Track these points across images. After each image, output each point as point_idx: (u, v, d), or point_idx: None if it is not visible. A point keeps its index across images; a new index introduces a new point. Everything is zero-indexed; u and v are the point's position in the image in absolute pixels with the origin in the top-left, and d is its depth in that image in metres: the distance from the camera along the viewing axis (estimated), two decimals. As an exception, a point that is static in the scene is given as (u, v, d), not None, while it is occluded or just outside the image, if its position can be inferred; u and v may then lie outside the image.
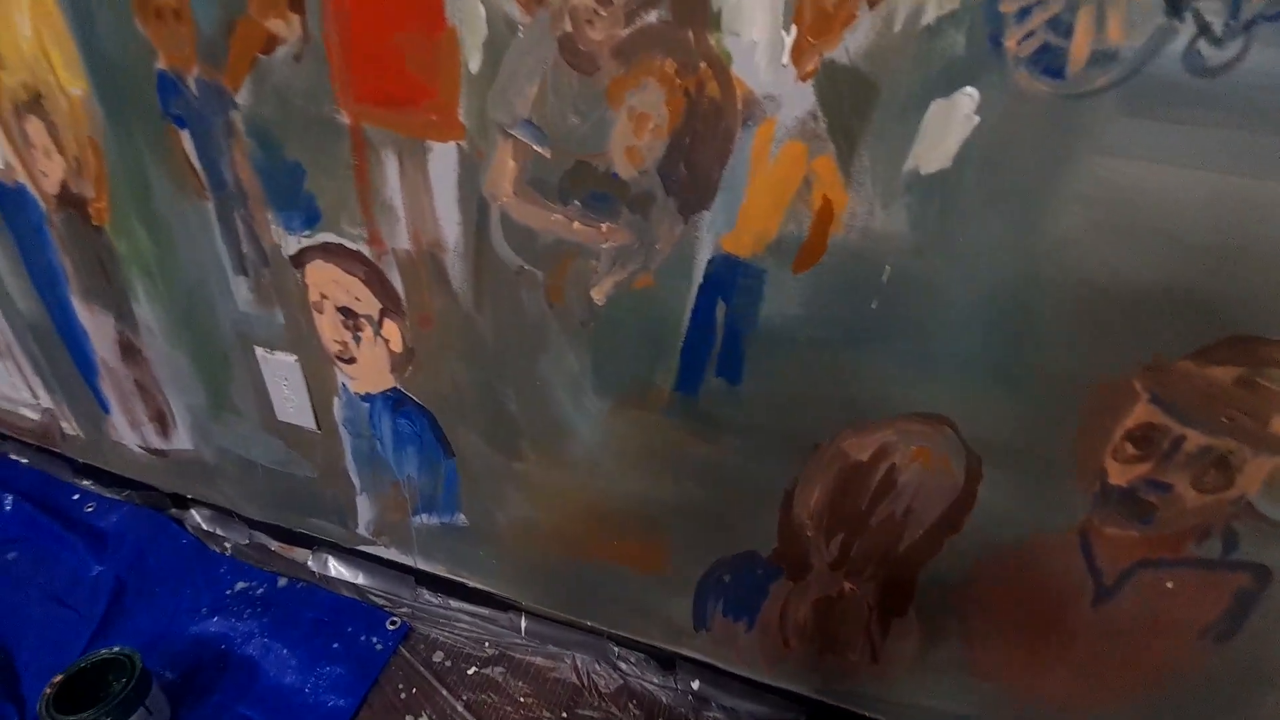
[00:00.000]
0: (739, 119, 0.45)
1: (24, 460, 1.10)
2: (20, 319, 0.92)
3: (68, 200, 0.76)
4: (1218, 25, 0.34)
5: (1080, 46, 0.36)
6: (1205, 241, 0.40)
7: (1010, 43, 0.37)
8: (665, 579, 0.75)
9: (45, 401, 1.02)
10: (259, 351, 0.78)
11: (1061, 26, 0.36)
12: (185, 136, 0.64)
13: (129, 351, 0.87)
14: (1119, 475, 0.50)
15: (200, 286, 0.75)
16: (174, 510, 1.03)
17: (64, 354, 0.92)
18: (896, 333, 0.50)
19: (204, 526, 1.01)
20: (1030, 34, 0.37)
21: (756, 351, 0.56)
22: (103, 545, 0.93)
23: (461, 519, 0.81)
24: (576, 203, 0.54)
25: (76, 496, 1.03)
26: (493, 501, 0.78)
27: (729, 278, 0.53)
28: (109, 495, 1.04)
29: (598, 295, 0.58)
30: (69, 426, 1.03)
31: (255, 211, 0.66)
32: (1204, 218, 0.40)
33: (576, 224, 0.55)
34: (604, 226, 0.54)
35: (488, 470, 0.75)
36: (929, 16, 0.38)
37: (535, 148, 0.52)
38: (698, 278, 0.54)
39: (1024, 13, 0.36)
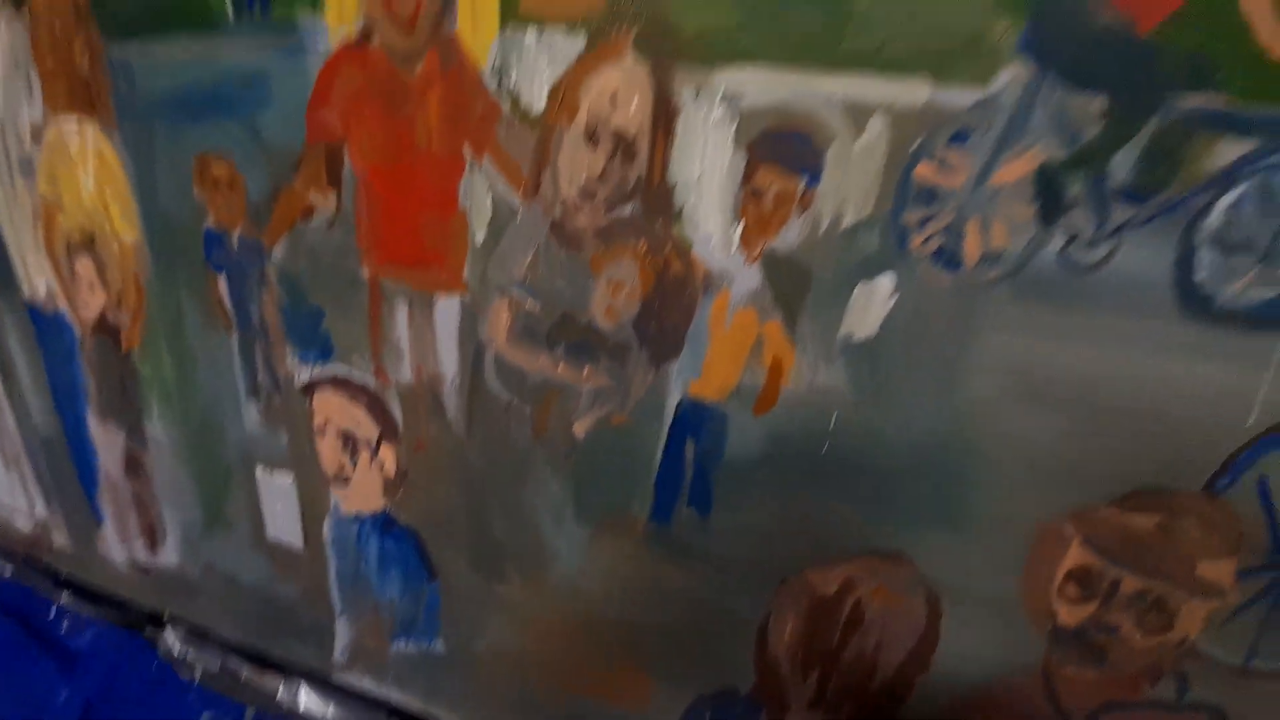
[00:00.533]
0: (699, 289, 0.54)
1: (7, 571, 1.10)
2: (35, 432, 0.97)
3: (103, 328, 0.84)
4: (1087, 233, 0.43)
5: (971, 249, 0.45)
6: (1107, 405, 0.47)
7: (914, 243, 0.46)
8: (646, 716, 0.74)
9: (41, 512, 1.04)
10: (259, 471, 0.82)
11: (954, 233, 0.45)
12: (221, 280, 0.73)
13: (134, 466, 0.91)
14: (1068, 616, 0.53)
15: (213, 408, 0.81)
16: (148, 629, 1.01)
17: (69, 466, 0.97)
18: (848, 474, 0.55)
19: (175, 651, 0.99)
20: (929, 238, 0.45)
21: (724, 486, 0.60)
22: (73, 667, 0.92)
23: (439, 645, 0.81)
24: (561, 349, 0.61)
25: (53, 613, 1.03)
26: (473, 626, 0.78)
27: (696, 419, 0.59)
28: (85, 613, 1.03)
29: (579, 430, 0.64)
30: (60, 537, 1.05)
31: (275, 346, 0.74)
32: (1101, 386, 0.46)
33: (561, 367, 0.62)
34: (585, 370, 0.61)
35: (470, 593, 0.76)
36: (847, 221, 0.47)
37: (527, 304, 0.61)
38: (668, 418, 0.60)
39: (923, 222, 0.45)
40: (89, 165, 0.75)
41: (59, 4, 0.68)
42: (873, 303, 0.48)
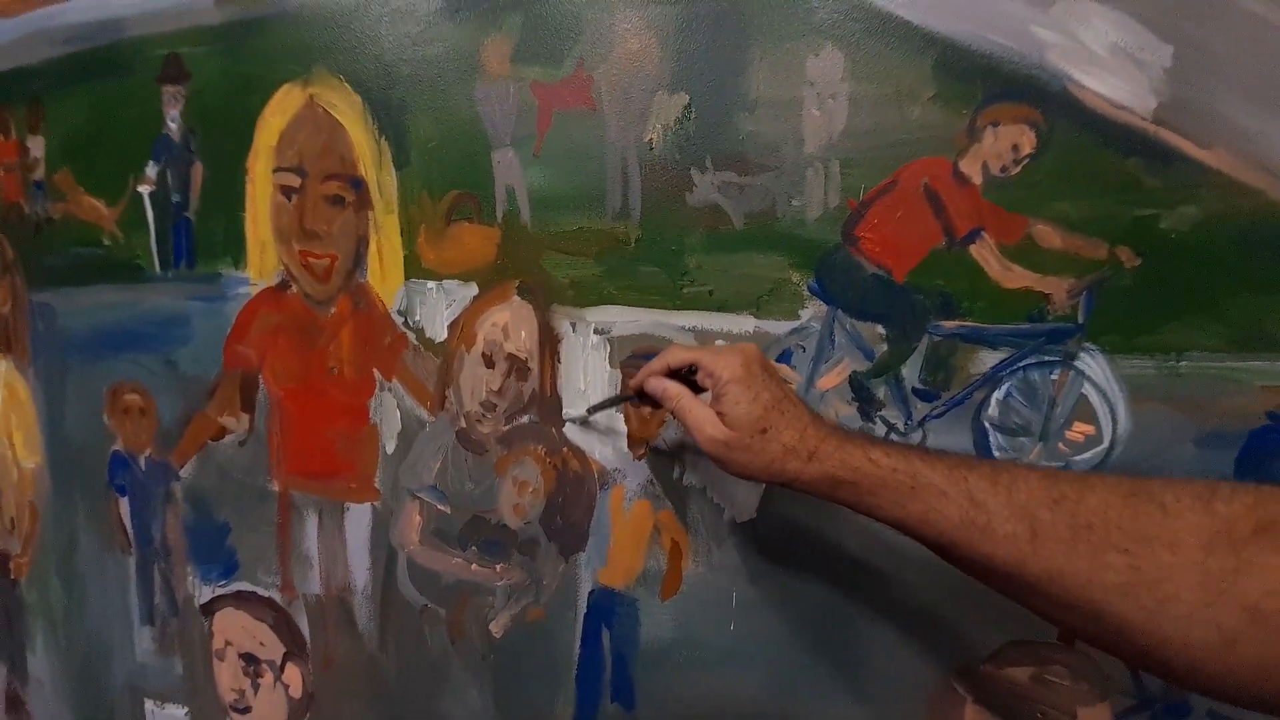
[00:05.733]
0: (597, 485, 0.63)
1: None
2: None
3: (-14, 558, 0.85)
4: (900, 424, 0.55)
5: (817, 440, 0.56)
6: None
7: (771, 438, 0.57)
8: None
9: None
10: (148, 706, 0.81)
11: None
12: (124, 503, 0.78)
13: (14, 705, 0.88)
14: (980, 778, 0.58)
15: (101, 638, 0.81)
16: None
17: (-85, 724, 0.91)
18: (757, 650, 0.62)
19: None
20: (782, 433, 0.57)
21: (644, 674, 0.65)
22: None
23: None
24: (474, 548, 0.68)
25: None
26: None
27: (609, 606, 0.65)
28: None
29: (495, 628, 0.69)
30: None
31: (176, 565, 0.77)
32: (950, 546, 0.56)
33: (475, 566, 0.68)
34: (498, 567, 0.68)
35: (384, 831, 0.74)
36: (714, 421, 0.59)
37: (438, 506, 0.68)
38: (582, 608, 0.66)
39: (774, 420, 0.57)
40: (-6, 395, 0.82)
41: (-13, 253, 0.79)
42: (746, 487, 0.59)
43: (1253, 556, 0.30)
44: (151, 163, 0.71)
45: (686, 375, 0.49)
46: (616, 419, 0.62)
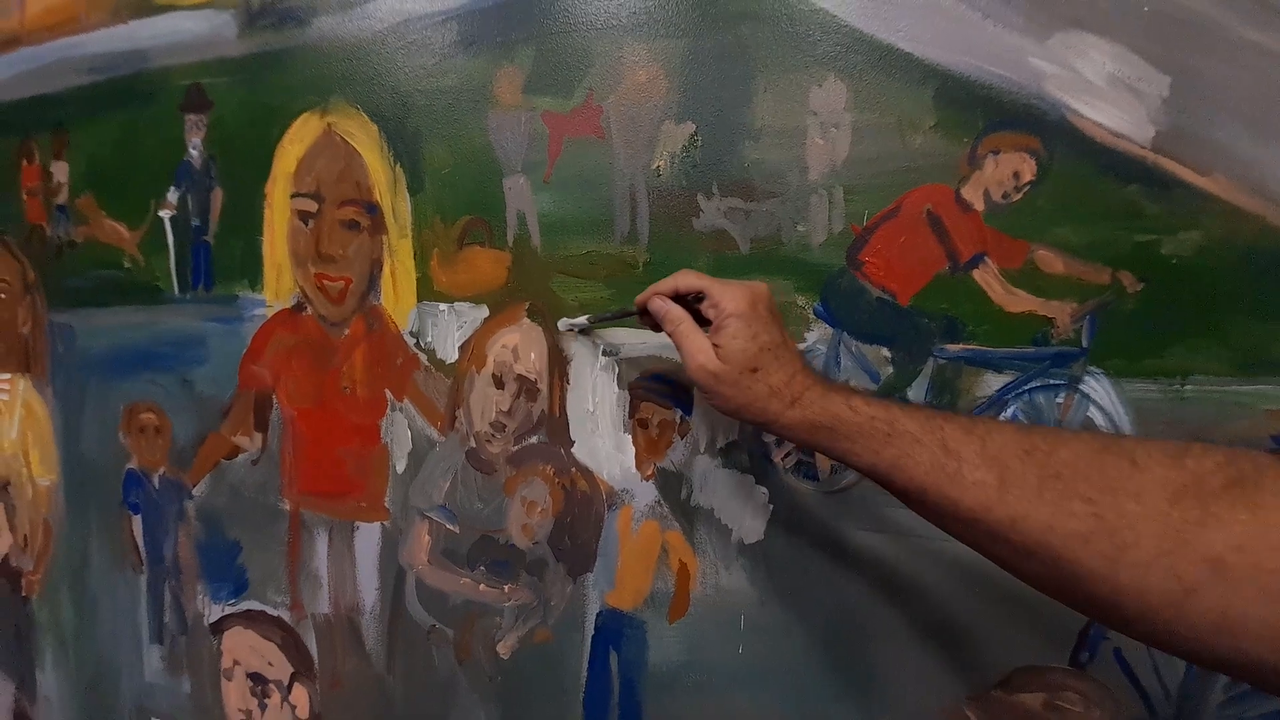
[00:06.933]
0: (605, 505, 0.64)
1: None
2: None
3: (3, 573, 0.87)
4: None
5: (823, 462, 0.58)
6: (972, 591, 0.57)
7: (777, 459, 0.59)
8: None
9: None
10: (154, 726, 0.82)
11: (806, 450, 0.58)
12: (137, 521, 0.80)
13: None
14: (992, 806, 0.58)
15: (110, 656, 0.83)
16: None
17: (-76, 743, 0.92)
18: (766, 673, 0.62)
19: None
20: (788, 454, 0.58)
21: (651, 698, 0.66)
22: None
23: None
24: (482, 568, 0.69)
25: None
26: None
27: (616, 628, 0.66)
28: None
29: (503, 650, 0.70)
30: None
31: (187, 583, 0.79)
32: (962, 574, 0.57)
33: (483, 586, 0.69)
34: (506, 587, 0.69)
35: None
36: (720, 442, 0.60)
37: (447, 526, 0.70)
38: (590, 630, 0.67)
39: (779, 442, 0.58)
40: (15, 416, 0.84)
41: (8, 275, 0.82)
42: (753, 510, 0.60)
43: (1220, 510, 0.30)
44: (173, 188, 0.74)
45: (692, 303, 0.50)
46: (624, 440, 0.63)
